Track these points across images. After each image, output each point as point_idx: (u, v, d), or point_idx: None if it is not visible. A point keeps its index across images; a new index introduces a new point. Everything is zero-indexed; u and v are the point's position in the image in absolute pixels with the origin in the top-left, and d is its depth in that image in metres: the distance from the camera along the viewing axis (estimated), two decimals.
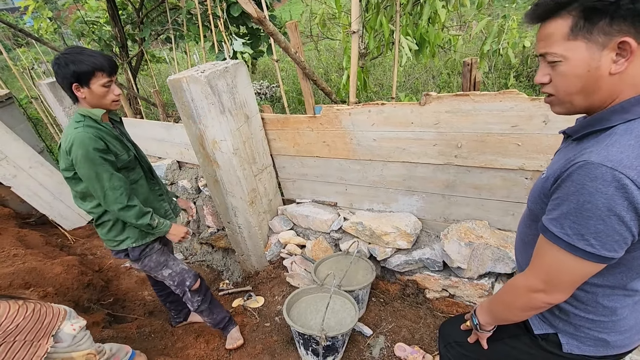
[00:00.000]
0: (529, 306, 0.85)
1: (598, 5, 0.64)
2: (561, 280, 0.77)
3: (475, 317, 1.06)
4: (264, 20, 1.89)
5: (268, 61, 7.57)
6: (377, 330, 2.07)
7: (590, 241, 0.69)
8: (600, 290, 0.82)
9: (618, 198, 0.64)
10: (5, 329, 1.33)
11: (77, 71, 1.39)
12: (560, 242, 0.73)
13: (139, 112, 4.34)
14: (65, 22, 6.00)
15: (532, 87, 4.76)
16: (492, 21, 2.48)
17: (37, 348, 1.40)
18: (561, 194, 0.72)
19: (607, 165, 0.65)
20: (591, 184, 0.66)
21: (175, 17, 3.94)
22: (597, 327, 0.87)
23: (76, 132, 1.43)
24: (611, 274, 0.79)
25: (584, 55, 0.68)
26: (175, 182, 3.20)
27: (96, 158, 1.44)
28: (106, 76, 1.45)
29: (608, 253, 0.69)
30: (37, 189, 3.47)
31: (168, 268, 1.80)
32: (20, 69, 5.71)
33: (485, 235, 1.87)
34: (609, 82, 0.69)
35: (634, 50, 0.65)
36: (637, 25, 0.64)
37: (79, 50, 1.43)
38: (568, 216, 0.71)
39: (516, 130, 1.62)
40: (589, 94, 0.72)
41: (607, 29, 0.65)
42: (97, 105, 1.50)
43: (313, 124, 2.17)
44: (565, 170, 0.71)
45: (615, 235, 0.68)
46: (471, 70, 1.69)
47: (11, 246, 2.68)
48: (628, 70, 0.68)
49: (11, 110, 3.99)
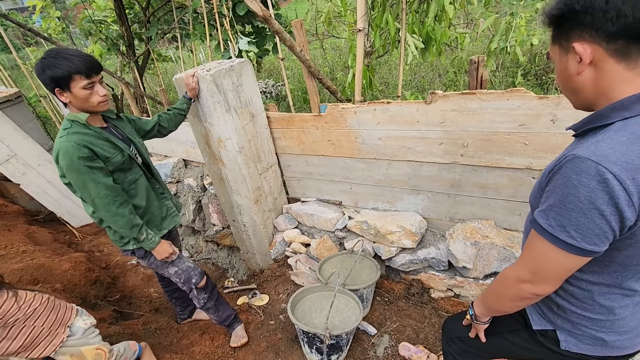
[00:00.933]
0: (517, 296, 0.86)
1: (552, 19, 0.75)
2: (546, 271, 0.78)
3: (471, 308, 1.09)
4: (270, 18, 1.89)
5: (273, 60, 7.58)
6: (382, 329, 2.07)
7: (572, 233, 0.71)
8: (596, 289, 0.83)
9: (599, 192, 0.65)
10: (25, 312, 1.43)
11: (54, 76, 1.35)
12: (545, 233, 0.75)
13: (146, 110, 4.37)
14: (73, 22, 6.06)
15: (540, 85, 4.70)
16: (500, 19, 2.45)
17: (53, 337, 1.49)
18: (551, 186, 0.74)
19: (592, 160, 0.66)
20: (576, 177, 0.68)
21: (182, 16, 3.96)
22: (594, 326, 0.87)
23: (60, 141, 1.41)
24: (606, 273, 0.80)
25: (558, 57, 0.78)
26: (181, 180, 3.22)
27: (81, 167, 1.41)
28: (84, 78, 1.38)
29: (588, 246, 0.70)
30: (46, 187, 3.52)
31: (174, 266, 1.81)
32: (29, 68, 5.78)
33: (491, 235, 1.85)
34: (582, 81, 0.74)
35: (582, 54, 0.70)
36: (588, 31, 0.69)
37: (54, 54, 1.36)
38: (553, 208, 0.73)
39: (523, 129, 1.60)
40: (574, 92, 0.78)
41: (567, 36, 0.74)
42: (83, 108, 1.46)
43: (318, 122, 2.17)
44: (557, 164, 0.73)
45: (595, 229, 0.68)
46: (478, 69, 1.67)
47: (20, 243, 2.72)
48: (606, 68, 0.70)
49: (20, 109, 4.05)
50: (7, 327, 1.38)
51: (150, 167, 1.79)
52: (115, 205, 1.52)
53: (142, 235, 1.61)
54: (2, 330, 1.38)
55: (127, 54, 4.27)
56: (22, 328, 1.42)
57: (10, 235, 2.87)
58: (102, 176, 1.48)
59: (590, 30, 0.69)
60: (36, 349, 1.45)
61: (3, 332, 1.38)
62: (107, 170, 1.51)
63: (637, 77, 0.69)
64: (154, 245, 1.67)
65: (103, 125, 1.60)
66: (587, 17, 0.68)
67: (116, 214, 1.52)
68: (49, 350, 1.47)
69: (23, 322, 1.42)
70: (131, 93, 3.88)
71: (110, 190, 1.50)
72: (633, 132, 0.67)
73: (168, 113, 1.92)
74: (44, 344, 1.46)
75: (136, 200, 1.67)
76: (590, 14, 0.68)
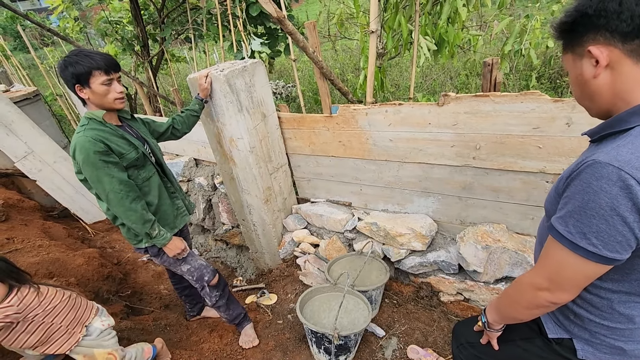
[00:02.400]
0: (533, 304, 0.84)
1: (564, 27, 0.76)
2: (564, 279, 0.77)
3: (484, 315, 1.06)
4: (284, 19, 1.91)
5: (284, 61, 7.62)
6: (390, 331, 2.06)
7: (592, 240, 0.69)
8: (615, 297, 0.81)
9: (622, 198, 0.64)
10: (45, 308, 1.46)
11: (75, 72, 1.42)
12: (563, 240, 0.74)
13: (159, 110, 4.43)
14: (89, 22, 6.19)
15: (553, 89, 4.63)
16: (514, 21, 2.43)
17: (70, 335, 1.51)
18: (569, 192, 0.73)
19: (614, 165, 0.65)
20: (596, 182, 0.66)
21: (195, 17, 4.02)
22: (613, 335, 0.85)
23: (77, 137, 1.46)
24: (627, 281, 0.78)
25: (572, 65, 0.78)
26: (191, 179, 3.26)
27: (97, 161, 1.45)
28: (104, 74, 1.45)
29: (610, 254, 0.69)
30: (61, 183, 3.60)
31: (186, 264, 1.83)
32: (46, 67, 5.93)
33: (503, 239, 1.83)
34: (599, 85, 0.73)
35: (599, 56, 0.70)
36: (603, 33, 0.69)
37: (77, 52, 1.45)
38: (573, 215, 0.71)
39: (537, 132, 1.58)
40: (591, 98, 0.77)
41: (580, 42, 0.74)
42: (101, 105, 1.52)
43: (329, 123, 2.17)
44: (576, 170, 0.72)
45: (617, 236, 0.67)
46: (492, 71, 1.66)
47: (36, 237, 2.78)
48: (623, 70, 0.69)
49: (38, 107, 4.16)
50: (26, 322, 1.41)
51: (163, 166, 1.82)
52: (129, 200, 1.54)
53: (154, 231, 1.64)
54: (22, 324, 1.41)
55: (141, 54, 4.35)
56: (40, 324, 1.45)
57: (27, 229, 2.94)
58: (117, 171, 1.51)
59: (604, 32, 0.69)
60: (52, 345, 1.48)
61: (22, 326, 1.41)
62: (121, 165, 1.54)
63: None
64: (166, 242, 1.69)
65: (119, 123, 1.65)
66: (601, 19, 0.68)
67: (129, 208, 1.55)
68: (64, 349, 1.50)
69: (42, 319, 1.45)
70: (145, 92, 3.94)
71: (124, 185, 1.53)
72: None
73: (181, 115, 1.94)
74: (60, 342, 1.49)
75: (149, 198, 1.69)
76: (604, 17, 0.68)
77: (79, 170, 1.51)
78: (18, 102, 3.72)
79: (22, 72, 5.62)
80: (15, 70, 5.91)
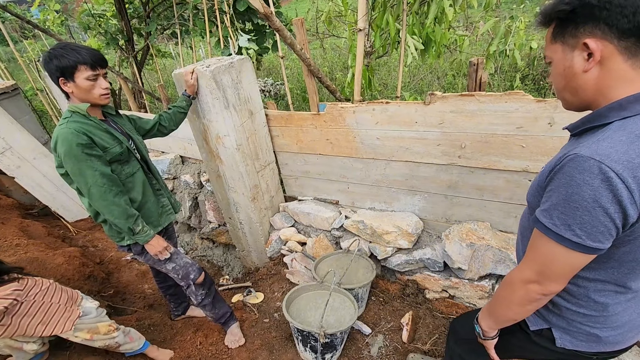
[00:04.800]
0: (525, 299, 0.85)
1: (560, 15, 0.74)
2: (552, 270, 0.78)
3: (477, 324, 1.05)
4: (271, 16, 1.89)
5: (273, 59, 7.57)
6: (376, 329, 2.07)
7: (576, 231, 0.71)
8: (592, 285, 0.84)
9: (603, 190, 0.66)
10: (41, 288, 1.57)
11: (60, 66, 1.40)
12: (549, 232, 0.75)
13: (144, 106, 4.34)
14: (72, 15, 6.02)
15: (537, 90, 4.73)
16: (500, 22, 2.46)
17: (70, 312, 1.60)
18: (553, 186, 0.74)
19: (595, 158, 0.67)
20: (579, 175, 0.68)
21: (182, 12, 3.95)
22: (588, 322, 0.88)
23: (60, 129, 1.43)
24: (602, 269, 0.81)
25: (560, 55, 0.77)
26: (177, 177, 3.20)
27: (79, 154, 1.42)
28: (89, 69, 1.44)
29: (593, 243, 0.71)
30: (41, 180, 3.49)
31: (171, 262, 1.79)
32: (26, 61, 5.73)
33: (487, 237, 1.86)
34: (586, 79, 0.74)
35: (596, 50, 0.70)
36: (601, 27, 0.69)
37: (63, 45, 1.43)
38: (557, 207, 0.73)
39: (521, 132, 1.61)
40: (574, 91, 0.78)
41: (574, 32, 0.72)
42: (85, 99, 1.49)
43: (317, 121, 2.17)
44: (558, 163, 0.73)
45: (600, 227, 0.69)
46: (477, 71, 1.68)
47: (14, 236, 2.69)
48: (612, 66, 0.70)
49: (17, 102, 4.01)
50: (28, 303, 1.49)
51: (149, 163, 1.78)
52: (112, 194, 1.51)
53: (137, 227, 1.60)
54: (25, 305, 1.48)
55: (126, 48, 4.24)
56: (40, 305, 1.52)
57: (3, 228, 2.84)
58: (99, 164, 1.48)
59: (603, 26, 0.68)
60: (56, 325, 1.54)
61: (24, 308, 1.48)
62: (105, 159, 1.51)
63: (639, 77, 0.70)
64: (149, 239, 1.65)
65: (102, 118, 1.61)
66: (604, 12, 0.67)
67: (112, 202, 1.51)
68: (68, 326, 1.56)
69: (42, 298, 1.53)
70: (129, 88, 3.86)
71: (107, 179, 1.50)
72: (632, 131, 0.68)
73: (168, 112, 1.91)
74: (63, 320, 1.56)
75: (132, 194, 1.66)
76: (607, 9, 0.67)
77: (60, 164, 1.47)
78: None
79: (0, 65, 5.42)
80: None
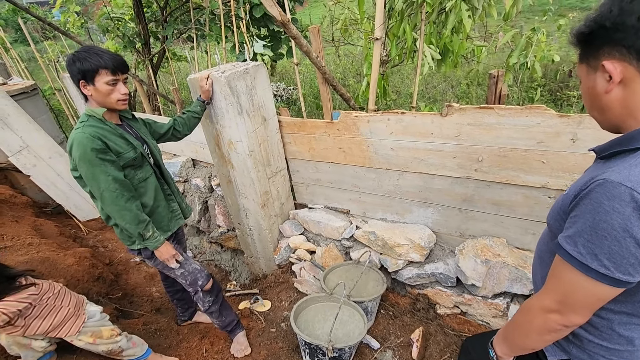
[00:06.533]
0: (545, 328, 0.80)
1: (580, 38, 0.74)
2: (575, 301, 0.74)
3: (491, 349, 1.00)
4: (288, 23, 1.88)
5: (286, 64, 7.61)
6: (385, 343, 2.02)
7: (604, 262, 0.66)
8: (616, 318, 0.78)
9: (635, 219, 0.62)
10: (54, 292, 1.62)
11: (82, 68, 1.42)
12: (573, 261, 0.71)
13: (157, 108, 4.39)
14: (91, 18, 6.15)
15: (553, 101, 4.64)
16: (519, 33, 2.42)
17: (77, 317, 1.65)
18: (578, 211, 0.70)
19: (626, 185, 0.63)
20: (608, 202, 0.64)
21: (199, 17, 3.99)
22: (611, 356, 0.82)
23: (76, 133, 1.45)
24: (629, 302, 0.75)
25: (585, 76, 0.77)
26: (188, 180, 3.21)
27: (93, 159, 1.43)
28: (110, 74, 1.45)
29: (622, 276, 0.66)
30: (55, 179, 3.54)
31: (181, 267, 1.78)
32: (46, 61, 5.87)
33: (503, 254, 1.80)
34: (610, 100, 0.72)
35: (613, 72, 0.68)
36: (619, 49, 0.67)
37: (87, 49, 1.45)
38: (582, 234, 0.69)
39: (541, 147, 1.56)
40: (601, 111, 0.76)
41: (595, 54, 0.72)
42: (103, 103, 1.51)
43: (330, 129, 2.14)
44: (585, 188, 0.69)
45: (630, 258, 0.64)
46: (497, 83, 1.64)
47: (27, 235, 2.72)
48: (636, 88, 0.68)
49: (35, 101, 4.09)
50: (41, 306, 1.54)
51: (162, 168, 1.79)
52: (124, 199, 1.51)
53: (147, 233, 1.60)
54: (37, 308, 1.53)
55: (142, 51, 4.31)
56: (52, 308, 1.57)
57: (17, 226, 2.88)
58: (113, 169, 1.49)
59: (620, 48, 0.67)
60: (64, 327, 1.59)
61: (37, 311, 1.53)
62: (118, 164, 1.52)
63: None
64: (158, 245, 1.65)
65: (119, 122, 1.63)
66: (618, 34, 0.66)
67: (124, 208, 1.52)
68: (74, 330, 1.61)
69: (54, 302, 1.58)
70: (144, 90, 3.90)
71: (119, 184, 1.50)
72: None
73: (182, 117, 1.92)
74: (70, 324, 1.60)
75: (144, 199, 1.66)
76: (621, 31, 0.66)
77: (75, 167, 1.49)
78: (15, 95, 3.66)
79: (21, 65, 5.55)
80: (14, 63, 5.85)
